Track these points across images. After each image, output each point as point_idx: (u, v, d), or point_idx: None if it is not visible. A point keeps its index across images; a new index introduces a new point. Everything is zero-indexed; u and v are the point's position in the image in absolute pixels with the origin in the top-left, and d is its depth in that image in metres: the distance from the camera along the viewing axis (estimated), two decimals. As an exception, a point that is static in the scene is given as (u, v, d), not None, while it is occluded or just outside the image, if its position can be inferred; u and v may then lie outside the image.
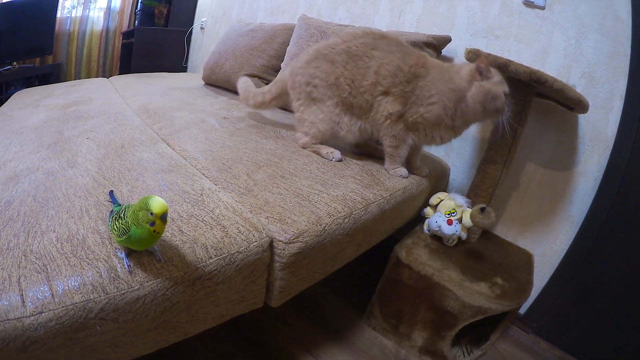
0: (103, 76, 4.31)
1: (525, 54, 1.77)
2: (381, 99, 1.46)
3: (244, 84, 1.93)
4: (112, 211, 0.82)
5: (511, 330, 1.78)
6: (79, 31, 4.11)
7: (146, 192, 1.01)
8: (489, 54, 1.41)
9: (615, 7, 1.54)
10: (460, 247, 1.60)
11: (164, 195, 1.00)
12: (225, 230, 0.91)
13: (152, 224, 0.68)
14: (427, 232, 1.60)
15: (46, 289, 0.68)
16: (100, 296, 0.70)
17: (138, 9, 4.10)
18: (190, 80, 2.91)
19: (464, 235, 1.56)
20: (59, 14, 3.77)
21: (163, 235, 0.75)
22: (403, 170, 1.54)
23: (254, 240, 0.92)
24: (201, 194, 1.04)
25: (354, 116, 1.51)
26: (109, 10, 4.23)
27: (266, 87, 1.83)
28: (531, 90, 1.48)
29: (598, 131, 1.62)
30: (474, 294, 1.35)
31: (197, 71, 3.89)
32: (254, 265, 0.93)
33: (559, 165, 1.73)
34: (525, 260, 1.70)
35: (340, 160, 1.51)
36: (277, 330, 1.54)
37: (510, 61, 1.35)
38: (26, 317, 0.64)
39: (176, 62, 4.00)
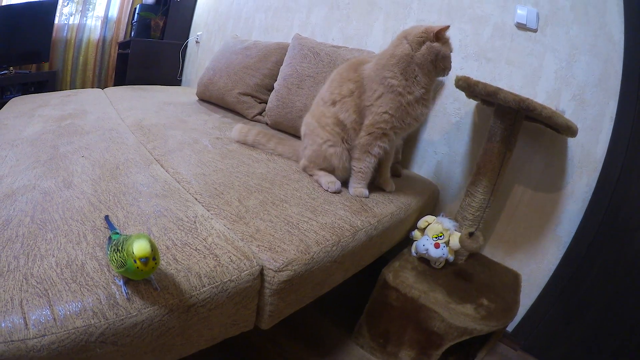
0: (98, 86, 4.34)
1: (516, 77, 1.82)
2: (331, 109, 1.57)
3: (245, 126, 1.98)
4: (109, 238, 0.88)
5: (499, 348, 1.82)
6: (75, 39, 4.13)
7: (141, 218, 1.07)
8: (478, 82, 1.48)
9: (608, 27, 1.59)
10: (448, 268, 1.66)
11: (159, 223, 1.05)
12: (218, 259, 0.97)
13: (135, 261, 0.74)
14: (414, 254, 1.66)
15: (48, 313, 0.73)
16: (100, 321, 0.75)
17: (135, 19, 4.13)
18: (184, 95, 2.96)
19: (451, 258, 1.61)
20: (56, 21, 3.80)
21: (160, 263, 0.81)
22: (364, 191, 1.58)
23: (245, 269, 0.98)
24: (194, 222, 1.09)
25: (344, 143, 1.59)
26: (106, 19, 4.25)
27: (278, 138, 1.89)
28: (520, 115, 1.53)
29: (587, 153, 1.67)
30: (459, 316, 1.40)
31: (191, 85, 3.94)
32: (245, 292, 0.99)
33: (548, 186, 1.78)
34: (512, 280, 1.75)
35: (338, 192, 1.55)
36: (267, 349, 1.59)
37: (499, 89, 1.41)
38: (29, 339, 0.69)
39: (171, 75, 4.04)
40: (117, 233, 0.90)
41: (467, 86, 1.53)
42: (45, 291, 0.77)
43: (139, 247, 0.73)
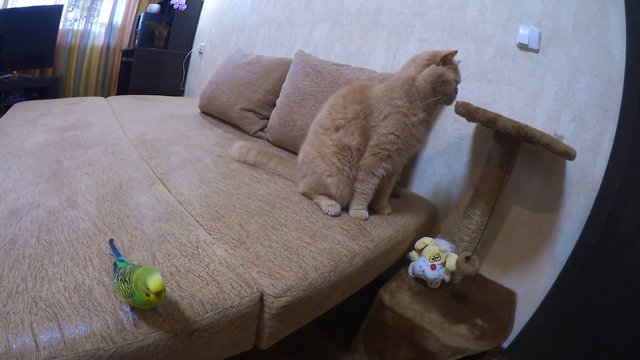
0: (101, 93, 4.44)
1: (517, 98, 1.86)
2: (333, 135, 1.59)
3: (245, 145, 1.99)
4: (115, 265, 0.93)
5: (494, 364, 1.86)
6: (79, 45, 4.23)
7: (146, 243, 1.11)
8: (478, 108, 1.52)
9: (609, 47, 1.63)
10: (444, 288, 1.69)
11: (162, 248, 1.10)
12: (220, 286, 1.02)
13: (148, 294, 0.79)
14: (411, 275, 1.70)
15: (58, 336, 0.77)
16: (109, 345, 0.80)
17: (139, 28, 4.21)
18: (186, 107, 3.01)
19: (447, 278, 1.65)
20: (61, 26, 3.89)
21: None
22: (364, 213, 1.62)
23: (245, 295, 1.03)
24: (197, 247, 1.14)
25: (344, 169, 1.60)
26: (110, 26, 4.35)
27: (278, 157, 1.92)
28: (519, 140, 1.56)
29: (585, 174, 1.71)
30: (453, 336, 1.44)
31: (193, 95, 4.01)
32: (245, 317, 1.04)
33: (545, 207, 1.81)
34: (508, 299, 1.78)
35: (337, 215, 1.58)
36: (265, 364, 1.63)
37: (499, 116, 1.46)
38: None
39: (174, 85, 4.10)
40: (123, 260, 0.95)
41: (467, 112, 1.58)
42: (55, 315, 0.81)
43: (155, 282, 0.78)
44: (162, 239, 1.15)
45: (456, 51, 1.44)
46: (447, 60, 1.44)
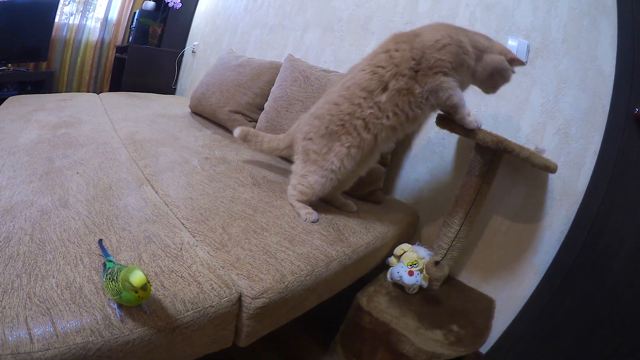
0: (94, 89, 4.51)
1: (503, 109, 1.92)
2: (381, 96, 1.54)
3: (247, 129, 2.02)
4: (104, 265, 1.02)
5: (472, 369, 1.94)
6: (74, 39, 4.30)
7: (133, 243, 1.20)
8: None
9: (599, 61, 1.67)
10: (422, 294, 1.77)
11: (148, 249, 1.19)
12: (201, 286, 1.11)
13: (136, 291, 0.88)
14: (390, 280, 1.79)
15: (51, 330, 0.86)
16: (97, 339, 0.89)
17: (133, 25, 4.27)
18: (177, 106, 3.09)
19: (425, 284, 1.73)
20: (57, 19, 3.95)
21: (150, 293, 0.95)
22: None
23: (224, 296, 1.12)
24: (181, 249, 1.23)
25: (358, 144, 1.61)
26: (105, 21, 4.42)
27: (281, 135, 1.94)
28: (500, 152, 1.63)
29: (568, 186, 1.76)
30: (428, 341, 1.52)
31: (185, 94, 4.08)
32: (224, 316, 1.13)
33: (526, 217, 1.88)
34: (486, 306, 1.87)
35: (315, 222, 1.64)
36: (246, 360, 1.72)
37: (479, 129, 1.53)
38: (35, 352, 0.82)
39: (166, 82, 4.18)
40: (111, 261, 1.04)
41: (448, 125, 1.65)
42: (48, 310, 0.90)
43: (136, 278, 0.87)
44: (149, 240, 1.23)
45: (525, 63, 1.44)
46: (513, 63, 1.49)
